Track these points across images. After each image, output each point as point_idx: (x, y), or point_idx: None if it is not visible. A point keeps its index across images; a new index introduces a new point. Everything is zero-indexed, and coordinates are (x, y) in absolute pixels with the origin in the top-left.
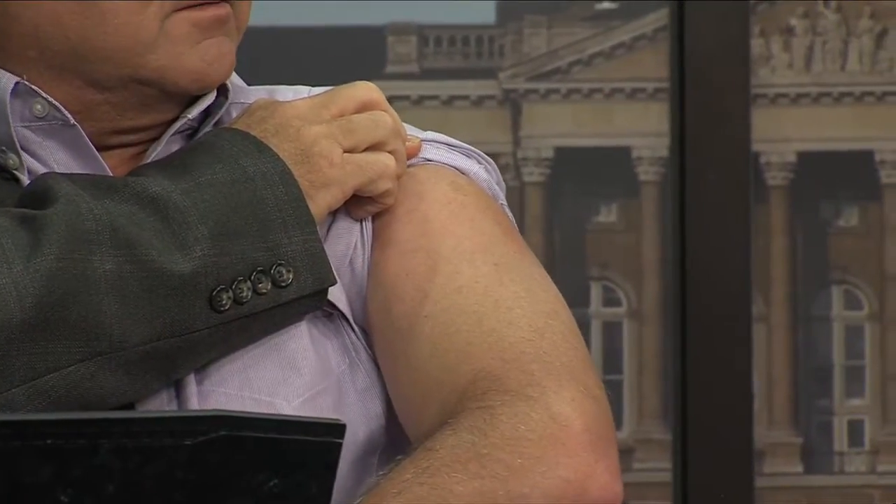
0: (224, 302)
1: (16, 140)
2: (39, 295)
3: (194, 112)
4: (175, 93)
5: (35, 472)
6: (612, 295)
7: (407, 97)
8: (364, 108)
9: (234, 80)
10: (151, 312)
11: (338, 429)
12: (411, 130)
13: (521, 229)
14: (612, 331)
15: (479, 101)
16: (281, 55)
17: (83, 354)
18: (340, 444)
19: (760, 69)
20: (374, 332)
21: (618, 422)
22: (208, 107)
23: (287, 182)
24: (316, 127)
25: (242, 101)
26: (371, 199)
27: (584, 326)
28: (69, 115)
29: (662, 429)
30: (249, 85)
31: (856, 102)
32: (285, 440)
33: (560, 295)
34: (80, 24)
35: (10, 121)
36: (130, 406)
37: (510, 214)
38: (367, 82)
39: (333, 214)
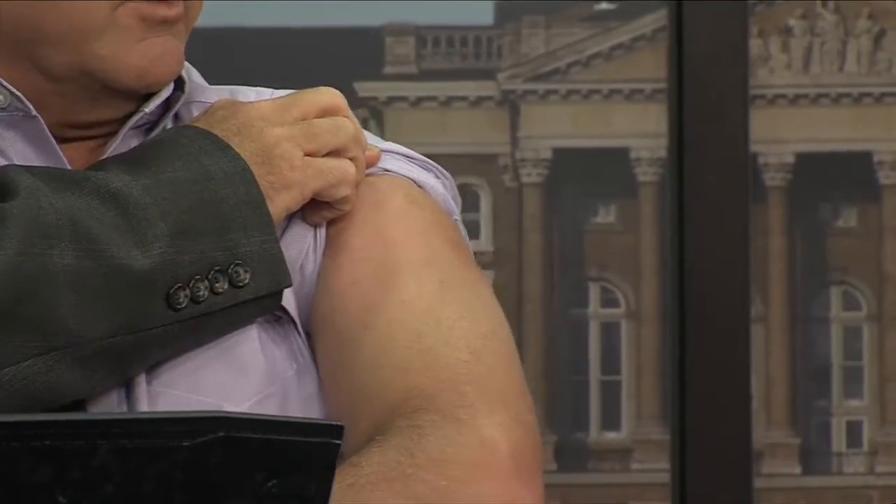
0: (181, 300)
1: None
2: None
3: (151, 106)
4: (118, 89)
5: (33, 472)
6: (611, 296)
7: (405, 98)
8: (327, 113)
9: (195, 77)
10: (109, 308)
11: (336, 430)
12: (371, 139)
13: (520, 230)
14: (610, 331)
15: (478, 102)
16: (278, 56)
17: (40, 349)
18: (338, 445)
19: (759, 70)
20: (316, 339)
21: (616, 422)
22: (167, 101)
23: (247, 182)
24: (278, 129)
25: (203, 100)
26: (328, 205)
27: (582, 327)
28: (31, 107)
29: (661, 429)
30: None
31: (854, 103)
32: (284, 441)
33: (502, 315)
34: (33, 6)
35: None
36: (80, 403)
37: (464, 230)
38: (331, 88)
39: (289, 218)
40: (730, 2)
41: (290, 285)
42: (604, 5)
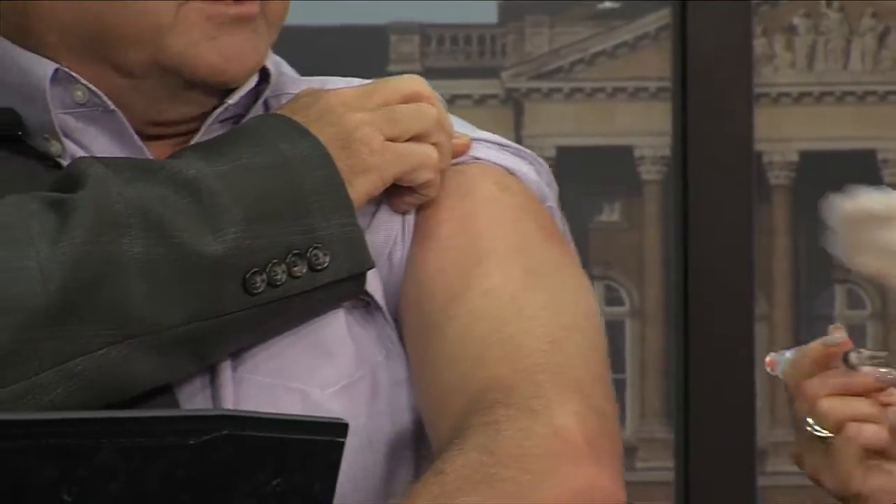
0: (258, 284)
1: (57, 127)
2: (65, 279)
3: (235, 97)
4: (197, 83)
5: (39, 471)
6: (615, 294)
7: None
8: (410, 100)
9: (286, 69)
10: (183, 295)
11: (340, 428)
12: (464, 128)
13: None
14: (614, 330)
15: (482, 101)
16: (282, 54)
17: (114, 337)
18: (343, 444)
19: (763, 68)
20: (404, 326)
21: (620, 421)
22: (254, 94)
23: (326, 166)
24: (359, 114)
25: (293, 91)
26: (412, 191)
27: None
28: (109, 102)
29: (665, 428)
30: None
31: (858, 102)
32: (288, 440)
33: (591, 304)
34: (99, 6)
35: (51, 107)
36: (166, 389)
37: (560, 217)
38: (416, 75)
39: (376, 205)
40: (734, 0)
41: (371, 267)
42: (607, 4)
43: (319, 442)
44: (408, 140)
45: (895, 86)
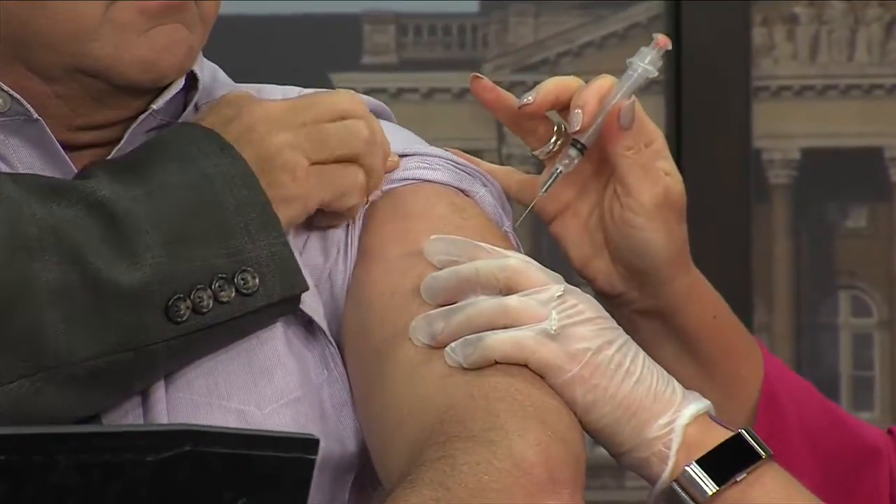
0: (182, 312)
1: None
2: None
3: (160, 102)
4: (124, 86)
5: None
6: None
7: (384, 90)
8: (343, 117)
9: (220, 76)
10: (100, 325)
11: (311, 444)
12: (409, 140)
13: None
14: None
15: (462, 95)
16: (253, 44)
17: (26, 369)
18: (314, 461)
19: (762, 60)
20: (349, 351)
21: None
22: (183, 101)
23: (250, 184)
24: (283, 135)
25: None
26: (336, 213)
27: None
28: (31, 110)
29: None
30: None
31: (864, 96)
32: (255, 456)
33: None
34: (21, 7)
35: None
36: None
37: (516, 240)
38: (350, 91)
39: (310, 226)
40: None
41: (305, 289)
42: None
43: (288, 459)
44: (336, 161)
45: None
